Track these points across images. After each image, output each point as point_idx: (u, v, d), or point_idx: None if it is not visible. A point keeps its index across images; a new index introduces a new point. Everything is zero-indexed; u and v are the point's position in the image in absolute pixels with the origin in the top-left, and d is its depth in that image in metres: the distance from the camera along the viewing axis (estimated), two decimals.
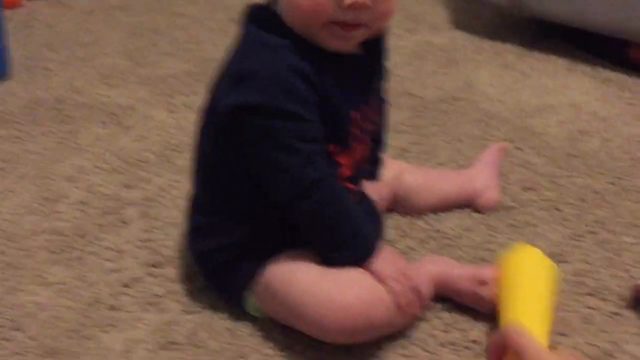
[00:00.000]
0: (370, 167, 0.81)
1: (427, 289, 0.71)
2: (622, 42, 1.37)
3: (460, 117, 1.19)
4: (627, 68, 1.37)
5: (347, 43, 0.68)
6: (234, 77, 0.68)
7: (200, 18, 1.63)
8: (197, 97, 1.23)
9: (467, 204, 0.93)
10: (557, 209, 0.93)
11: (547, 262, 0.73)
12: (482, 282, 0.73)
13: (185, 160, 1.03)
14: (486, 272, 0.74)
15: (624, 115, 1.20)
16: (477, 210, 0.92)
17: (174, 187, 0.97)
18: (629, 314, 0.75)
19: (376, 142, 0.80)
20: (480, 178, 0.94)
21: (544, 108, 1.22)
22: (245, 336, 0.71)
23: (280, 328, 0.71)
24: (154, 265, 0.81)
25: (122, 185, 0.97)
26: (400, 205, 0.90)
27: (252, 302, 0.71)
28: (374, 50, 0.74)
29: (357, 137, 0.72)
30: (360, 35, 0.68)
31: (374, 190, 0.81)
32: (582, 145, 1.10)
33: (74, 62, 1.37)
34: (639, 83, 1.32)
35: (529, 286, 0.70)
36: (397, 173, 0.89)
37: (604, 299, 0.77)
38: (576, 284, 0.79)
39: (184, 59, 1.41)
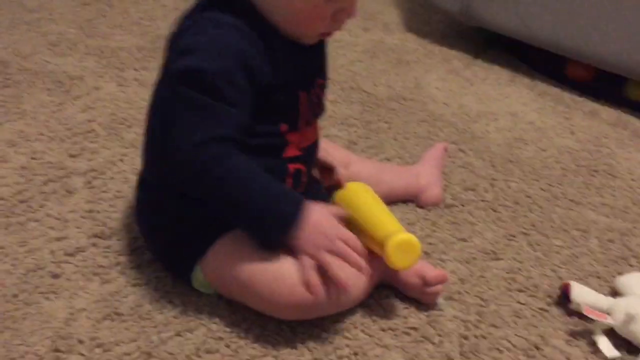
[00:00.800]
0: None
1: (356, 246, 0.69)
2: (561, 59, 1.45)
3: (407, 116, 1.23)
4: (564, 83, 1.45)
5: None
6: (178, 50, 0.68)
7: None
8: (148, 73, 1.22)
9: (411, 199, 0.96)
10: (494, 210, 0.98)
11: (364, 185, 0.82)
12: (426, 281, 0.76)
13: (133, 134, 1.02)
14: (431, 272, 0.76)
15: (558, 127, 1.27)
16: (420, 205, 0.96)
17: (121, 161, 0.95)
18: (556, 310, 0.80)
19: None
20: (424, 175, 0.98)
21: (485, 114, 1.27)
22: (191, 310, 0.71)
23: (225, 304, 0.72)
24: (98, 236, 0.80)
25: (67, 154, 0.94)
26: None
27: (200, 278, 0.72)
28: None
29: (306, 119, 0.74)
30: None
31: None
32: (519, 152, 1.16)
33: (19, 26, 1.32)
34: (574, 98, 1.40)
35: (367, 204, 0.78)
36: (347, 162, 0.91)
37: (533, 296, 0.82)
38: (508, 280, 0.84)
39: (136, 33, 1.38)
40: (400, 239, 0.69)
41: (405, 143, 1.14)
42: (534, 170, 1.11)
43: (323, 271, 0.67)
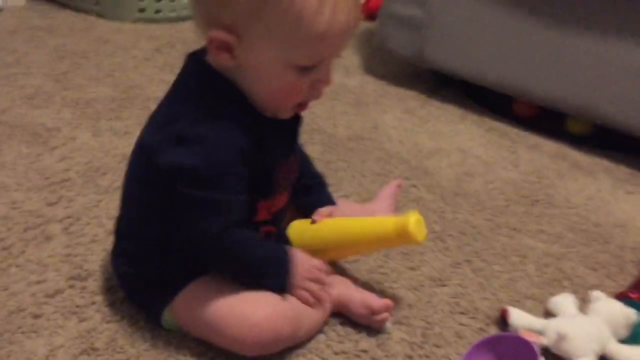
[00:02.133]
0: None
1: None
2: (508, 97, 1.57)
3: (365, 154, 1.33)
4: (510, 120, 1.56)
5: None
6: (176, 137, 0.72)
7: (126, 46, 1.69)
8: (121, 122, 1.31)
9: None
10: (441, 240, 1.07)
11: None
12: (373, 311, 0.84)
13: (108, 181, 1.10)
14: (376, 302, 0.84)
15: (503, 161, 1.38)
16: None
17: (96, 207, 1.03)
18: (494, 330, 0.89)
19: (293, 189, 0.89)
20: (380, 212, 1.06)
21: (437, 151, 1.38)
22: (162, 344, 0.78)
23: (193, 338, 0.79)
24: (75, 278, 0.87)
25: (45, 203, 1.02)
26: None
27: (169, 318, 0.79)
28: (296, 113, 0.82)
29: (280, 188, 0.82)
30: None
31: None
32: (466, 186, 1.26)
33: None
34: (519, 133, 1.51)
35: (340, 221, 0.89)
36: None
37: (473, 317, 0.90)
38: (452, 304, 0.93)
39: (109, 84, 1.47)
40: (416, 218, 0.82)
41: (362, 180, 1.23)
42: (479, 202, 1.20)
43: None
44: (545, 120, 1.56)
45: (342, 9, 0.69)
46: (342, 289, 0.86)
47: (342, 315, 0.86)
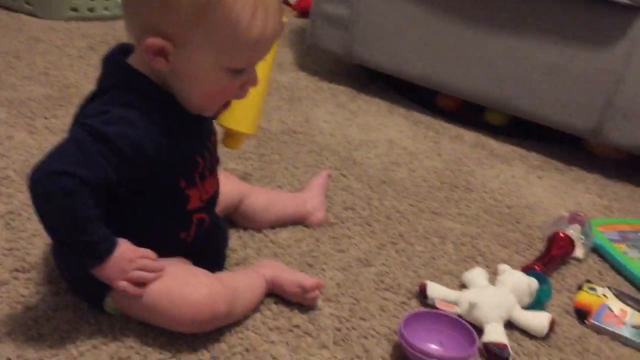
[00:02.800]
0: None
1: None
2: (432, 91, 1.68)
3: (297, 147, 1.40)
4: (435, 112, 1.67)
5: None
6: (82, 115, 0.78)
7: (60, 44, 1.70)
8: (58, 121, 1.33)
9: (300, 222, 1.12)
10: (369, 225, 1.16)
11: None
12: (305, 289, 0.91)
13: None
14: (308, 281, 0.91)
15: (428, 151, 1.48)
16: (307, 226, 1.12)
17: None
18: (415, 303, 0.98)
19: None
20: (310, 201, 1.14)
21: (366, 142, 1.46)
22: (105, 327, 0.83)
23: (135, 321, 0.85)
24: (19, 270, 0.90)
25: None
26: (244, 221, 1.08)
27: (111, 305, 0.84)
28: None
29: (206, 177, 0.87)
30: None
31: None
32: (393, 174, 1.35)
33: None
34: (444, 125, 1.62)
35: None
36: (243, 195, 1.06)
37: (396, 293, 0.99)
38: (377, 282, 1.01)
39: (44, 83, 1.48)
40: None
41: (295, 172, 1.30)
42: (404, 189, 1.30)
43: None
44: (466, 112, 1.67)
45: (272, 16, 0.76)
46: (275, 271, 0.93)
47: (276, 295, 0.93)
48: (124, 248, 0.79)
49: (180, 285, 0.81)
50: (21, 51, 1.61)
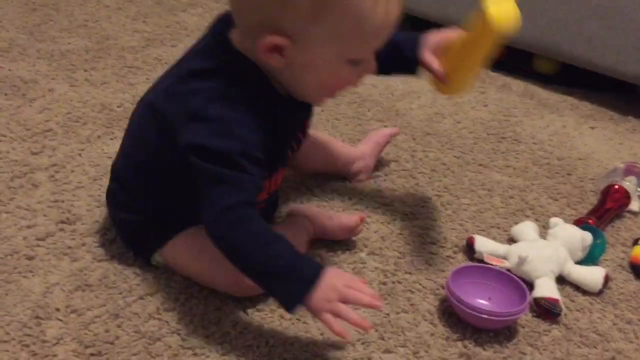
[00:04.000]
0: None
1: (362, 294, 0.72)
2: None
3: (338, 99, 1.35)
4: None
5: None
6: (193, 113, 0.74)
7: None
8: (98, 73, 1.33)
9: (342, 176, 1.09)
10: (413, 177, 1.13)
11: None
12: (350, 229, 0.92)
13: (89, 131, 1.13)
14: (351, 220, 0.92)
15: (473, 101, 1.42)
16: (350, 175, 1.09)
17: (79, 155, 1.06)
18: (461, 257, 0.95)
19: None
20: (362, 161, 1.09)
21: (409, 93, 1.42)
22: (150, 279, 0.83)
23: (179, 275, 0.85)
24: (64, 222, 0.91)
25: (29, 152, 1.05)
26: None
27: (158, 257, 0.84)
28: None
29: (278, 170, 0.84)
30: None
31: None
32: (437, 125, 1.31)
33: None
34: (490, 74, 1.55)
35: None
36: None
37: (442, 247, 0.97)
38: (422, 235, 0.99)
39: (82, 35, 1.47)
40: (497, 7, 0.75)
41: (336, 123, 1.27)
42: (449, 141, 1.26)
43: None
44: (514, 60, 1.60)
45: (393, 2, 0.72)
46: (317, 221, 0.92)
47: (321, 244, 0.92)
48: (331, 273, 0.72)
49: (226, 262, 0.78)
50: (60, 3, 1.60)
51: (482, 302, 0.84)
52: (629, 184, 1.08)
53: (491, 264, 0.90)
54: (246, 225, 0.72)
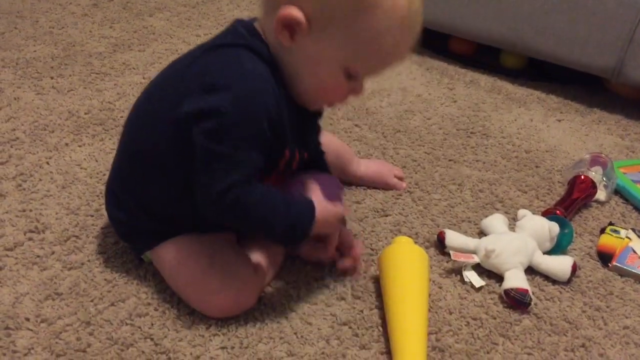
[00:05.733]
0: None
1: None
2: (444, 35, 1.62)
3: None
4: (448, 57, 1.62)
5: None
6: (205, 85, 0.71)
7: (62, 2, 1.67)
8: (64, 80, 1.31)
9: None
10: None
11: (419, 249, 0.87)
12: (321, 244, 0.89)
13: (56, 138, 1.12)
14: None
15: (442, 97, 1.44)
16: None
17: (47, 163, 1.05)
18: (433, 251, 0.96)
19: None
20: (361, 178, 1.08)
21: (379, 91, 1.43)
22: (122, 284, 0.83)
23: (152, 277, 0.84)
24: (33, 231, 0.90)
25: None
26: None
27: (149, 256, 0.84)
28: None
29: (278, 171, 0.83)
30: None
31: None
32: (407, 123, 1.32)
33: None
34: (458, 70, 1.57)
35: (403, 272, 0.83)
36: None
37: (415, 242, 0.97)
38: (394, 231, 0.99)
39: (48, 42, 1.46)
40: None
41: None
42: (419, 137, 1.27)
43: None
44: (481, 56, 1.62)
45: (413, 37, 0.74)
46: None
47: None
48: (322, 207, 0.79)
49: (209, 280, 0.79)
50: (24, 10, 1.58)
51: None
52: (594, 174, 1.10)
53: (459, 261, 0.91)
54: (243, 203, 0.72)
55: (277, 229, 0.76)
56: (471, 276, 0.91)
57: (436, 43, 1.66)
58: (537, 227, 0.94)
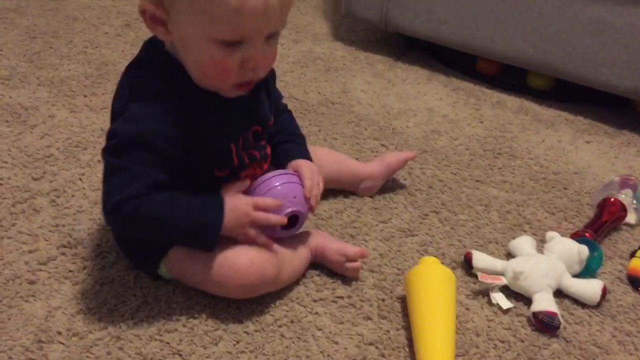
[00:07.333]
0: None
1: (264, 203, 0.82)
2: (471, 57, 1.63)
3: (336, 118, 1.38)
4: (475, 78, 1.62)
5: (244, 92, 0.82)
6: (115, 112, 0.80)
7: (96, 22, 1.71)
8: (97, 98, 1.34)
9: (351, 190, 1.11)
10: (410, 194, 1.14)
11: (446, 270, 0.87)
12: (348, 258, 0.91)
13: (89, 155, 1.14)
14: (351, 250, 0.91)
15: (469, 118, 1.44)
16: (347, 197, 1.10)
17: (80, 180, 1.07)
18: (460, 272, 0.96)
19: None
20: (370, 175, 1.10)
21: (405, 111, 1.44)
22: (151, 301, 0.84)
23: (180, 293, 0.85)
24: (66, 246, 0.92)
25: (30, 178, 1.06)
26: None
27: (163, 269, 0.85)
28: (255, 88, 0.84)
29: (244, 166, 0.86)
30: (254, 84, 0.82)
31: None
32: (433, 143, 1.32)
33: None
34: (485, 91, 1.57)
35: (430, 293, 0.83)
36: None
37: (441, 263, 0.97)
38: (420, 251, 0.99)
39: (82, 61, 1.49)
40: None
41: (334, 143, 1.29)
42: (446, 158, 1.27)
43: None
44: (508, 77, 1.62)
45: None
46: (319, 240, 0.92)
47: (319, 266, 0.93)
48: (234, 203, 0.81)
49: (226, 251, 0.81)
50: (59, 30, 1.63)
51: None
52: (624, 196, 1.09)
53: (486, 282, 0.91)
54: (140, 213, 0.75)
55: (180, 234, 0.79)
56: (499, 298, 0.91)
57: (463, 64, 1.66)
58: (566, 250, 0.94)
